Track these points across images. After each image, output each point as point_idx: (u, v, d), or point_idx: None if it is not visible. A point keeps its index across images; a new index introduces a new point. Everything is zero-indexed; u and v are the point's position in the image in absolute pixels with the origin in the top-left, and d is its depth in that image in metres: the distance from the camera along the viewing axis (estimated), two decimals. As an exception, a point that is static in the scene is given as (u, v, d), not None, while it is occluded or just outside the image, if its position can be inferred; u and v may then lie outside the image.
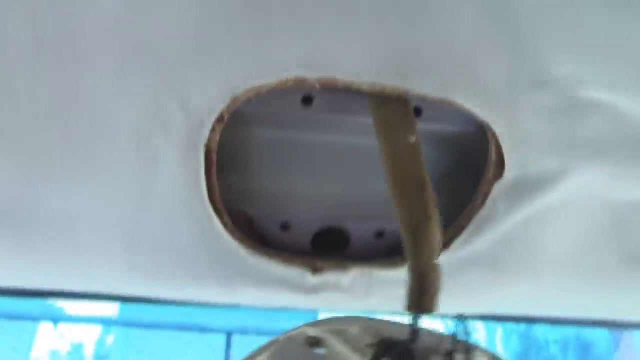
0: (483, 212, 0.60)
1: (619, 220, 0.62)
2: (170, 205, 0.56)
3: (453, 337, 0.45)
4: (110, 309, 5.07)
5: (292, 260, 0.62)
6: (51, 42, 0.47)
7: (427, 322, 0.52)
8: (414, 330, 0.47)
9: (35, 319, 5.03)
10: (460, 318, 0.44)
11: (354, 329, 0.45)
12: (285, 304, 0.68)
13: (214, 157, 0.54)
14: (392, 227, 0.66)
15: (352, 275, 0.63)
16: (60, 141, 0.52)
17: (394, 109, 0.53)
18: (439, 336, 0.47)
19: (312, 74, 0.51)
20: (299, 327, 0.46)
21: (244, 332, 5.08)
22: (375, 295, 0.66)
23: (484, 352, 0.44)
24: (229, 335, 5.10)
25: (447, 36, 0.50)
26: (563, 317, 0.80)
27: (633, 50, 0.50)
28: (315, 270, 0.63)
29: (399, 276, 0.64)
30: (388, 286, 0.65)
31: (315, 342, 0.45)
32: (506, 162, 0.56)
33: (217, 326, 5.07)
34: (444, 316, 0.51)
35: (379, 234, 0.66)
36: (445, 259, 0.55)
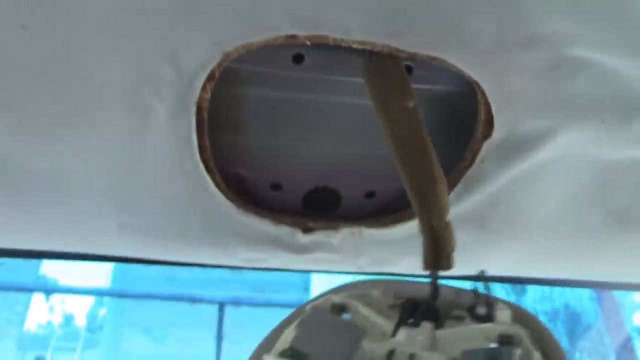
0: (471, 172, 0.60)
1: (605, 180, 0.63)
2: (162, 164, 0.56)
3: (474, 291, 0.46)
4: (103, 280, 5.09)
5: (283, 219, 0.63)
6: None
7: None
8: (436, 288, 0.47)
9: (28, 290, 5.04)
10: (481, 275, 0.45)
11: (375, 292, 0.46)
12: (276, 264, 0.68)
13: (206, 116, 0.55)
14: (383, 188, 0.67)
15: (343, 235, 0.64)
16: (52, 99, 0.52)
17: (388, 73, 0.53)
18: (459, 290, 0.48)
19: (303, 31, 0.51)
20: (323, 294, 0.47)
21: (236, 303, 5.11)
22: (365, 256, 0.67)
23: (506, 303, 0.45)
24: (221, 306, 5.13)
25: None
26: (549, 277, 0.81)
27: (621, 10, 0.50)
28: (306, 229, 0.63)
29: (388, 236, 0.65)
30: (378, 246, 0.66)
31: (341, 308, 0.45)
32: (495, 121, 0.57)
33: (210, 297, 5.10)
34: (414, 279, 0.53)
35: (370, 195, 0.67)
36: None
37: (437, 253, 0.51)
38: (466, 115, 0.60)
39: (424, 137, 0.53)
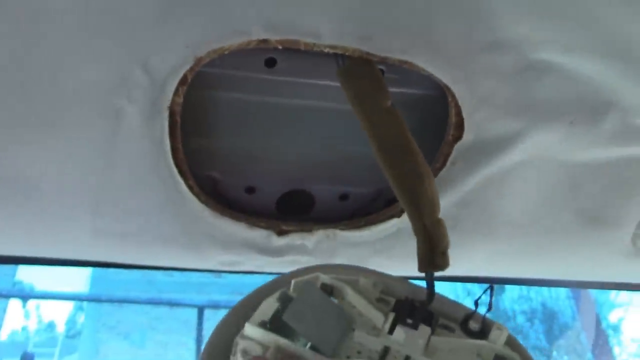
0: (443, 174, 0.61)
1: (574, 181, 0.64)
2: (135, 168, 0.56)
3: (466, 309, 0.45)
4: (81, 285, 5.04)
5: (258, 222, 0.63)
6: (14, 1, 0.46)
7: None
8: (431, 291, 0.46)
9: (4, 296, 4.97)
10: (490, 286, 0.44)
11: (364, 281, 0.45)
12: (251, 267, 0.69)
13: (178, 120, 0.55)
14: (356, 190, 0.67)
15: (317, 238, 0.64)
16: (23, 103, 0.52)
17: (363, 76, 0.54)
18: (448, 300, 0.47)
19: (274, 36, 0.51)
20: (309, 270, 0.45)
21: (215, 306, 5.08)
22: (340, 257, 0.67)
23: (502, 326, 0.44)
24: (200, 309, 5.10)
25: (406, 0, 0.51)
26: (523, 277, 0.83)
27: (584, 13, 0.52)
28: (280, 232, 0.64)
29: (362, 238, 0.66)
30: (352, 248, 0.66)
31: (329, 290, 0.44)
32: (465, 123, 0.58)
33: (189, 301, 5.07)
34: (406, 279, 0.52)
35: (344, 197, 0.67)
36: (407, 221, 0.57)
37: (433, 252, 0.50)
38: (437, 118, 0.61)
39: (407, 135, 0.53)
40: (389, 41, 0.52)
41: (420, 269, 0.50)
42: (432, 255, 0.50)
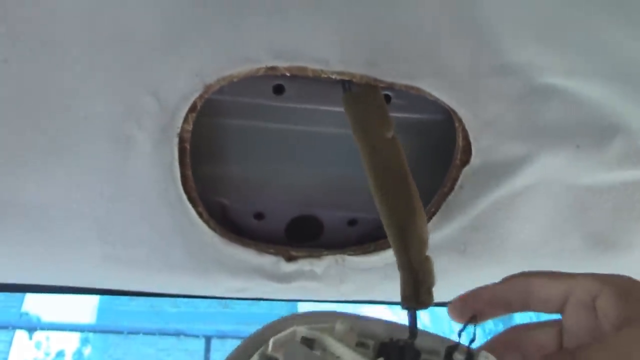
0: (451, 198, 0.61)
1: (582, 204, 0.64)
2: (145, 195, 0.57)
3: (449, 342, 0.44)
4: (88, 316, 5.03)
5: (267, 248, 0.63)
6: (24, 32, 0.47)
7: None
8: (414, 328, 0.43)
9: (10, 327, 4.96)
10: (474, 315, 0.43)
11: (340, 327, 0.43)
12: (260, 294, 0.69)
13: (188, 147, 0.55)
14: (365, 215, 0.68)
15: (326, 263, 0.64)
16: (33, 133, 0.53)
17: (367, 103, 0.54)
18: (435, 336, 0.46)
19: (283, 63, 0.52)
20: (282, 322, 0.42)
21: (222, 336, 5.06)
22: (349, 283, 0.67)
23: (488, 357, 0.43)
24: (208, 340, 5.08)
25: (412, 25, 0.51)
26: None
27: (588, 38, 0.52)
28: (289, 258, 0.64)
29: (371, 263, 0.66)
30: (361, 273, 0.66)
31: (310, 343, 0.41)
32: (473, 148, 0.58)
33: (196, 331, 5.05)
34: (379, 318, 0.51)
35: (352, 222, 0.68)
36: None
37: (417, 288, 0.49)
38: (445, 143, 0.61)
39: (404, 168, 0.52)
40: (396, 67, 0.53)
41: (404, 306, 0.48)
42: (417, 292, 0.48)
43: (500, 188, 0.60)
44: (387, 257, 0.65)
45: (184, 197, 0.57)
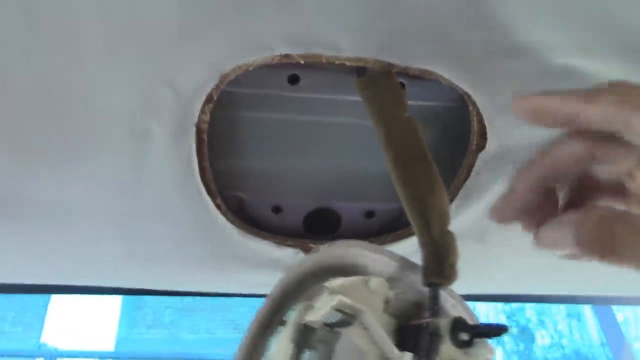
0: (469, 184, 0.61)
1: None
2: (164, 189, 0.57)
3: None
4: (106, 344, 5.02)
5: (285, 242, 0.64)
6: (43, 23, 0.48)
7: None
8: (436, 306, 0.42)
9: (29, 357, 4.97)
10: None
11: (373, 283, 0.39)
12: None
13: (205, 139, 0.56)
14: (382, 207, 0.68)
15: (344, 256, 0.64)
16: (54, 128, 0.53)
17: (382, 86, 0.55)
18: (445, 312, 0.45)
19: (296, 50, 0.53)
20: (323, 290, 0.38)
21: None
22: (368, 276, 0.67)
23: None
24: (226, 365, 5.04)
25: (423, 7, 0.52)
26: (547, 294, 0.81)
27: (601, 14, 0.52)
28: (307, 251, 0.64)
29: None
30: None
31: (346, 317, 0.37)
32: (488, 132, 0.58)
33: (214, 357, 5.02)
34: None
35: (369, 214, 0.68)
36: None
37: (440, 263, 0.47)
38: (461, 129, 0.62)
39: (422, 145, 0.52)
40: (409, 50, 0.54)
41: (426, 282, 0.46)
42: (440, 266, 0.47)
43: None
44: (406, 247, 0.65)
45: (203, 189, 0.58)
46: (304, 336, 0.36)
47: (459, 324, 0.41)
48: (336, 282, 0.37)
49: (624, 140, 0.37)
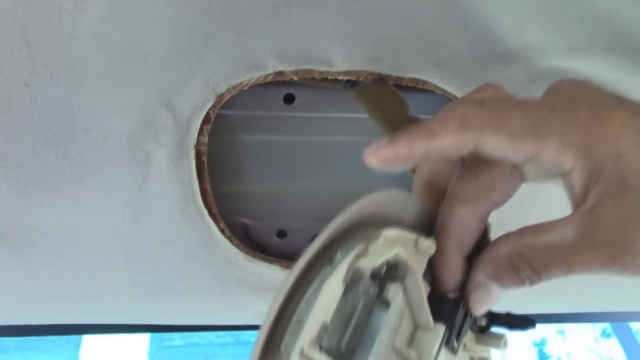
0: None
1: None
2: (166, 213, 0.58)
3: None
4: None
5: (291, 265, 0.63)
6: (43, 53, 0.50)
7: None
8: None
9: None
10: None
11: (424, 245, 0.37)
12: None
13: (205, 160, 0.57)
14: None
15: (352, 277, 0.64)
16: (57, 156, 0.54)
17: (379, 91, 0.55)
18: None
19: (289, 67, 0.54)
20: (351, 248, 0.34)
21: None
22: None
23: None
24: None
25: (410, 16, 0.53)
26: (562, 312, 0.79)
27: (582, 10, 0.53)
28: (315, 274, 0.63)
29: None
30: None
31: (393, 272, 0.36)
32: None
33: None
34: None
35: None
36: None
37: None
38: None
39: None
40: (399, 61, 0.55)
41: None
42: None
43: None
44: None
45: (205, 212, 0.58)
46: (354, 280, 0.33)
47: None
48: (392, 232, 0.35)
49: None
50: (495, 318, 0.41)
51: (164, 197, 0.57)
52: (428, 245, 0.37)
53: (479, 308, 0.37)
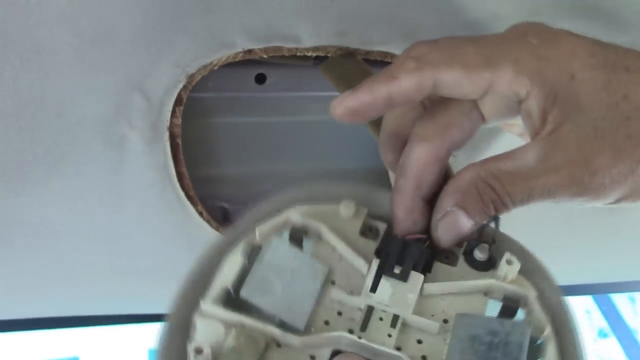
0: None
1: None
2: (144, 197, 0.58)
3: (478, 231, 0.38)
4: None
5: None
6: (13, 39, 0.50)
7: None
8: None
9: None
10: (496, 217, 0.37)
11: (344, 212, 0.38)
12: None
13: (180, 144, 0.57)
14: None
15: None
16: (31, 143, 0.55)
17: (347, 65, 0.56)
18: None
19: (258, 45, 0.54)
20: (276, 203, 0.40)
21: None
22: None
23: (515, 253, 0.37)
24: None
25: None
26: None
27: None
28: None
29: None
30: None
31: (303, 231, 0.38)
32: None
33: None
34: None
35: None
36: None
37: None
38: None
39: None
40: (366, 34, 0.55)
41: None
42: None
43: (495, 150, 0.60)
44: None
45: (182, 195, 0.58)
46: (254, 252, 0.36)
47: (473, 243, 0.38)
48: (301, 208, 0.38)
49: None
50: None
51: (141, 182, 0.57)
52: (345, 208, 0.38)
53: (447, 237, 0.37)
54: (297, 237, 0.38)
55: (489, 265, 0.38)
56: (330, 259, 0.37)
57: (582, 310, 2.58)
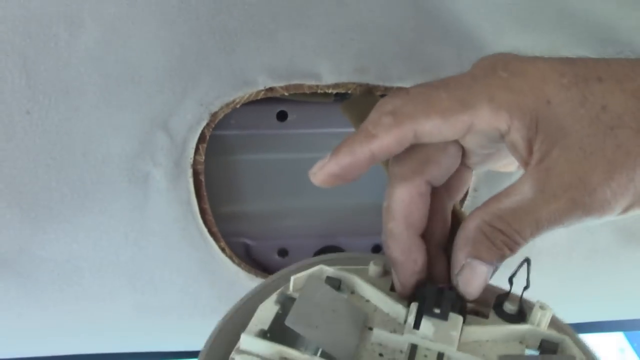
0: (468, 203, 0.61)
1: None
2: (167, 234, 0.59)
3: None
4: None
5: None
6: (42, 80, 0.52)
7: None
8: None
9: None
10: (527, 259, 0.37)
11: (374, 268, 0.40)
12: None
13: (203, 181, 0.58)
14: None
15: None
16: (58, 183, 0.56)
17: (367, 104, 0.56)
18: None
19: (279, 83, 0.55)
20: (308, 264, 0.40)
21: None
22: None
23: (544, 305, 0.37)
24: None
25: (393, 27, 0.55)
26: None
27: (563, 13, 0.55)
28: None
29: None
30: None
31: (336, 284, 0.38)
32: None
33: None
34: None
35: (376, 249, 0.67)
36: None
37: None
38: None
39: None
40: (385, 70, 0.56)
41: None
42: None
43: None
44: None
45: (205, 231, 0.59)
46: (289, 301, 0.36)
47: (502, 297, 0.38)
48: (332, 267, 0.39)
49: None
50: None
51: (164, 218, 0.58)
52: (375, 266, 0.40)
53: (470, 290, 0.36)
54: (333, 286, 0.38)
55: (519, 317, 0.38)
56: (366, 308, 0.38)
57: (615, 348, 2.51)
